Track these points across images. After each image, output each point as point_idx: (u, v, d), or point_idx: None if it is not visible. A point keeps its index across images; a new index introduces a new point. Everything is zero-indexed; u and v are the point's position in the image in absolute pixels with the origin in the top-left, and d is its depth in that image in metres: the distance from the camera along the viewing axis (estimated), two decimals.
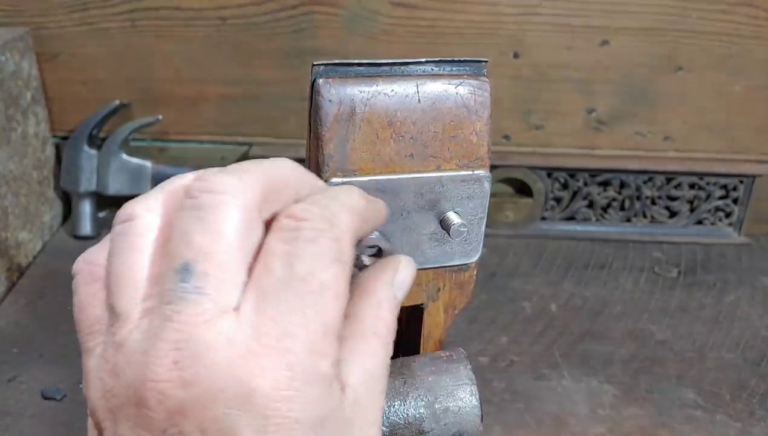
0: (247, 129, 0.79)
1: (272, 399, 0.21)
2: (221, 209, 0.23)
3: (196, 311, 0.22)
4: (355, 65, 0.29)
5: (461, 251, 0.33)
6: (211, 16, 0.73)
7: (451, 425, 0.31)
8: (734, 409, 0.56)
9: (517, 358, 0.61)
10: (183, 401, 0.21)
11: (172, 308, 0.22)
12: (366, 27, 0.73)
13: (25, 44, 0.72)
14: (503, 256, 0.76)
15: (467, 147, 0.31)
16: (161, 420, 0.21)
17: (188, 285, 0.22)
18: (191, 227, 0.23)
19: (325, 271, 0.23)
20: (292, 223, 0.23)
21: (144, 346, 0.22)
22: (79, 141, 0.75)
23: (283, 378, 0.21)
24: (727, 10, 0.71)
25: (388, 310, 0.28)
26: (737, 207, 0.80)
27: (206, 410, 0.21)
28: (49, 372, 0.58)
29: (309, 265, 0.22)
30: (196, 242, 0.23)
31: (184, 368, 0.21)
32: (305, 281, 0.22)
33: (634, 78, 0.75)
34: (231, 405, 0.21)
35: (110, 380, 0.23)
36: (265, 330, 0.22)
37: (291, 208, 0.24)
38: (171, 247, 0.23)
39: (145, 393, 0.22)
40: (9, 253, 0.69)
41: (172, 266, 0.22)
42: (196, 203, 0.23)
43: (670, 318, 0.67)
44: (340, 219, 0.24)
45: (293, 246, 0.23)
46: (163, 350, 0.22)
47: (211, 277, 0.22)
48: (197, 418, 0.21)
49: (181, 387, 0.21)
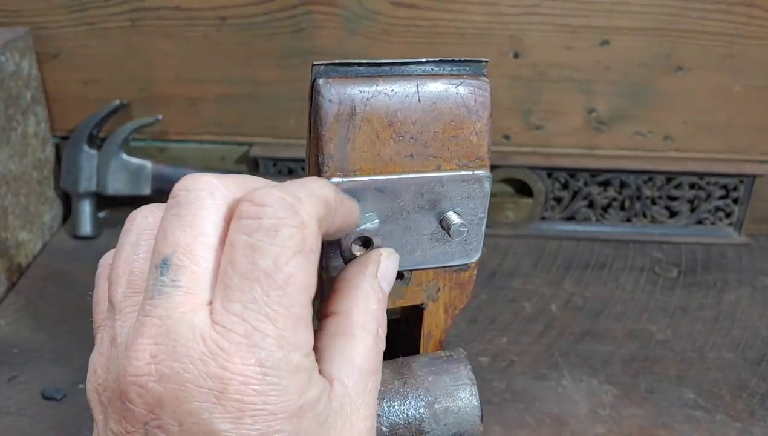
0: (247, 129, 0.79)
1: (245, 393, 0.21)
2: (196, 205, 0.23)
3: (172, 304, 0.22)
4: (355, 65, 0.29)
5: (461, 251, 0.33)
6: (211, 16, 0.73)
7: (451, 425, 0.31)
8: (734, 409, 0.56)
9: (517, 358, 0.61)
10: (160, 394, 0.22)
11: (152, 302, 0.23)
12: (366, 27, 0.73)
13: (25, 44, 0.72)
14: (503, 256, 0.76)
15: (467, 147, 0.31)
16: (142, 414, 0.22)
17: (165, 278, 0.23)
18: (170, 223, 0.23)
19: (289, 263, 0.22)
20: (252, 209, 0.23)
21: (128, 340, 0.23)
22: (79, 141, 0.75)
23: (255, 374, 0.21)
24: (727, 10, 0.71)
25: (375, 303, 0.28)
26: (737, 207, 0.80)
27: (182, 403, 0.21)
28: (49, 372, 0.58)
29: (272, 258, 0.22)
30: (173, 237, 0.23)
31: (161, 362, 0.22)
32: (269, 275, 0.22)
33: (634, 78, 0.75)
34: (205, 399, 0.21)
35: (103, 373, 0.24)
36: (232, 327, 0.22)
37: (251, 193, 0.23)
38: (156, 244, 0.24)
39: (127, 387, 0.22)
40: (9, 253, 0.69)
41: (155, 261, 0.23)
42: (176, 201, 0.24)
43: (670, 318, 0.67)
44: (303, 204, 0.23)
45: (254, 238, 0.22)
46: (143, 344, 0.22)
47: (185, 269, 0.23)
48: (174, 411, 0.22)
49: (158, 381, 0.22)
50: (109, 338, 0.24)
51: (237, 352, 0.21)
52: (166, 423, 0.22)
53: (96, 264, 0.26)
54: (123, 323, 0.24)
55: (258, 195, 0.23)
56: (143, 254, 0.25)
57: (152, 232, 0.25)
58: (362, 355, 0.26)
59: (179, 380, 0.21)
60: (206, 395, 0.21)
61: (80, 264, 0.72)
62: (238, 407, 0.21)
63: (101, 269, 0.28)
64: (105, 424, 0.23)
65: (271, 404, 0.22)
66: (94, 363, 0.25)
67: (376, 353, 0.27)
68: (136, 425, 0.22)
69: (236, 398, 0.21)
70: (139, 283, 0.25)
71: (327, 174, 0.29)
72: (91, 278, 0.30)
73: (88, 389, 0.24)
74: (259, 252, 0.22)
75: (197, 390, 0.21)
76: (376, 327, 0.27)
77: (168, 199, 0.24)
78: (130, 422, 0.22)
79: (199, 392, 0.21)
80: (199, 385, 0.21)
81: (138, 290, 0.24)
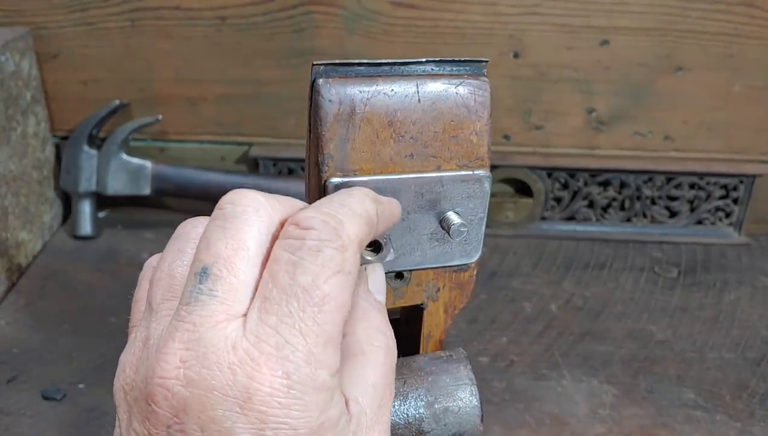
0: (247, 129, 0.79)
1: (269, 405, 0.22)
2: (241, 219, 0.24)
3: (207, 312, 0.23)
4: (355, 65, 0.29)
5: (461, 251, 0.33)
6: (211, 16, 0.73)
7: (451, 425, 0.31)
8: (734, 409, 0.56)
9: (517, 358, 0.61)
10: (186, 399, 0.22)
11: (186, 308, 0.23)
12: (366, 27, 0.73)
13: (25, 44, 0.72)
14: (503, 256, 0.76)
15: (467, 147, 0.31)
16: (166, 416, 0.22)
17: (203, 287, 0.23)
18: (213, 234, 0.24)
19: (327, 282, 0.23)
20: (296, 231, 0.24)
21: (160, 342, 0.23)
22: (79, 141, 0.75)
23: (281, 386, 0.22)
24: (727, 10, 0.71)
25: (377, 316, 0.28)
26: (737, 207, 0.80)
27: (206, 410, 0.22)
28: (49, 372, 0.58)
29: (311, 276, 0.23)
30: (215, 247, 0.24)
31: (189, 367, 0.22)
32: (307, 292, 0.23)
33: (634, 78, 0.75)
34: (230, 407, 0.22)
35: (132, 372, 0.24)
36: (265, 338, 0.22)
37: (296, 215, 0.24)
38: (197, 252, 0.24)
39: (153, 388, 0.22)
40: (9, 253, 0.69)
41: (195, 269, 0.24)
42: (222, 213, 0.25)
43: (670, 318, 0.67)
44: (345, 228, 0.24)
45: (297, 255, 0.23)
46: (173, 348, 0.23)
47: (223, 280, 0.23)
48: (198, 417, 0.22)
49: (185, 385, 0.22)
50: (142, 338, 0.25)
51: (266, 362, 0.22)
52: (189, 428, 0.22)
53: (96, 264, 0.26)
54: (157, 325, 0.24)
55: (303, 217, 0.24)
56: (187, 261, 0.26)
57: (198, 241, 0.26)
58: (374, 371, 0.26)
59: (206, 386, 0.22)
60: (231, 403, 0.22)
61: (80, 264, 0.72)
62: (261, 418, 0.22)
63: (146, 270, 0.29)
64: (129, 423, 0.24)
65: (293, 418, 0.22)
66: (124, 362, 0.25)
67: (388, 366, 0.27)
68: (159, 427, 0.22)
69: (260, 409, 0.22)
70: (178, 288, 0.25)
71: (327, 174, 0.29)
72: (91, 277, 0.30)
73: (115, 387, 0.25)
74: (300, 269, 0.23)
75: (222, 398, 0.22)
76: (384, 340, 0.27)
77: (214, 210, 0.25)
78: (153, 424, 0.22)
79: (224, 400, 0.22)
80: (224, 393, 0.22)
81: (176, 294, 0.25)
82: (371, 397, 0.25)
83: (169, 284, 0.26)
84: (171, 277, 0.26)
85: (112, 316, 0.64)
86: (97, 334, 0.62)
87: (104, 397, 0.55)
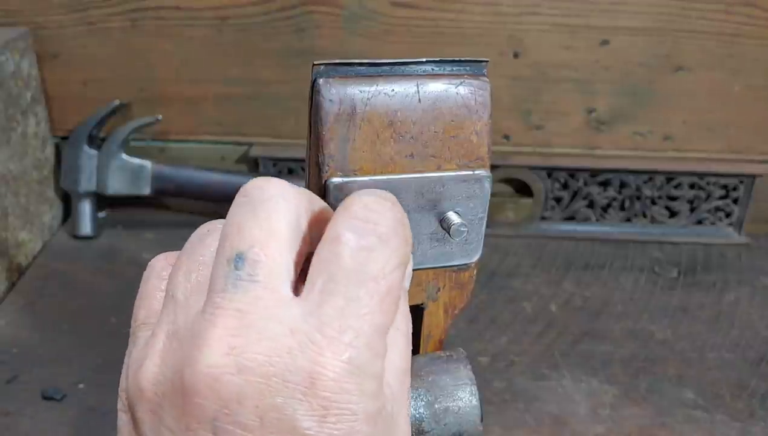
0: (247, 129, 0.79)
1: (333, 390, 0.21)
2: (271, 203, 0.24)
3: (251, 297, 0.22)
4: (355, 65, 0.29)
5: (461, 251, 0.33)
6: (211, 16, 0.73)
7: (451, 425, 0.31)
8: (734, 409, 0.56)
9: (517, 358, 0.61)
10: (240, 387, 0.21)
11: (224, 294, 0.22)
12: (366, 27, 0.73)
13: (25, 44, 0.72)
14: (503, 256, 0.76)
15: (467, 147, 0.31)
16: (213, 408, 0.21)
17: (241, 273, 0.22)
18: (244, 219, 0.23)
19: (393, 273, 0.23)
20: (366, 213, 0.23)
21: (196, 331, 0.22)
22: (79, 141, 0.75)
23: (344, 371, 0.21)
24: (727, 10, 0.71)
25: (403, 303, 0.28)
26: (737, 207, 0.80)
27: (265, 397, 0.21)
28: (49, 372, 0.58)
29: (381, 265, 0.23)
30: (249, 232, 0.23)
31: (241, 354, 0.21)
32: (376, 281, 0.22)
33: (634, 78, 0.75)
34: (291, 394, 0.21)
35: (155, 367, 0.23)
36: (328, 321, 0.22)
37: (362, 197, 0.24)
38: (226, 239, 0.23)
39: (196, 379, 0.21)
40: (9, 253, 0.69)
41: (227, 255, 0.23)
42: (248, 199, 0.24)
43: (670, 318, 0.67)
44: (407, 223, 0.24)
45: (367, 241, 0.23)
46: (217, 334, 0.21)
47: (263, 264, 0.23)
48: (256, 405, 0.21)
49: (237, 373, 0.21)
50: (166, 331, 0.24)
51: (329, 346, 0.21)
52: (245, 419, 0.21)
53: (96, 264, 0.26)
54: (186, 317, 0.23)
55: (372, 201, 0.23)
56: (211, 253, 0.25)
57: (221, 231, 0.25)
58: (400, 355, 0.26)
59: (263, 372, 0.21)
60: (292, 390, 0.21)
61: (80, 264, 0.72)
62: (324, 405, 0.21)
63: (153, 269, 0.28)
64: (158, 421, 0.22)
65: (354, 403, 0.21)
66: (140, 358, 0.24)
67: (408, 351, 0.27)
68: (202, 420, 0.21)
69: (323, 395, 0.21)
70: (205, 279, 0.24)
71: (327, 174, 0.29)
72: (91, 277, 0.30)
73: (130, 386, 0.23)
74: (371, 255, 0.22)
75: (283, 384, 0.21)
76: (406, 327, 0.27)
77: (237, 197, 0.24)
78: (195, 418, 0.21)
79: (285, 386, 0.21)
80: (285, 379, 0.21)
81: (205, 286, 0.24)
82: (398, 381, 0.25)
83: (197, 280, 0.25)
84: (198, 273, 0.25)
85: (112, 316, 0.64)
86: (97, 334, 0.62)
87: (104, 397, 0.55)
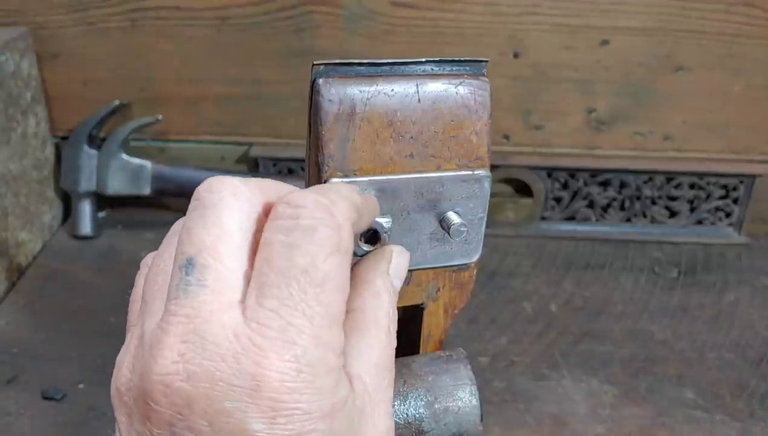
0: (247, 129, 0.79)
1: (280, 391, 0.21)
2: (220, 205, 0.23)
3: (199, 302, 0.22)
4: (355, 65, 0.29)
5: (461, 250, 0.33)
6: (211, 16, 0.73)
7: (451, 425, 0.31)
8: (734, 409, 0.56)
9: (517, 358, 0.61)
10: (189, 393, 0.21)
11: (176, 301, 0.22)
12: (366, 27, 0.73)
13: (25, 44, 0.72)
14: (503, 256, 0.76)
15: (467, 147, 0.31)
16: (168, 414, 0.21)
17: (191, 278, 0.22)
18: (194, 224, 0.23)
19: (326, 262, 0.22)
20: (288, 210, 0.23)
21: (152, 339, 0.22)
22: (79, 141, 0.75)
23: (290, 370, 0.21)
24: (727, 10, 0.71)
25: (388, 299, 0.28)
26: (737, 207, 0.80)
27: (213, 402, 0.21)
28: (49, 372, 0.58)
29: (309, 256, 0.22)
30: (197, 237, 0.23)
31: (189, 360, 0.21)
32: (307, 273, 0.22)
33: (634, 78, 0.75)
34: (238, 397, 0.21)
35: (128, 372, 0.23)
36: (267, 323, 0.22)
37: (288, 195, 0.23)
38: (180, 245, 0.23)
39: (152, 386, 0.22)
40: (9, 253, 0.69)
41: (179, 262, 0.23)
42: (200, 203, 0.24)
43: (670, 318, 0.67)
44: (338, 207, 0.24)
45: (291, 236, 0.22)
46: (168, 342, 0.22)
47: (211, 269, 0.23)
48: (205, 411, 0.21)
49: (186, 380, 0.21)
50: (137, 336, 0.24)
51: (272, 347, 0.21)
52: (196, 423, 0.21)
53: (96, 264, 0.26)
54: (150, 322, 0.24)
55: (294, 197, 0.23)
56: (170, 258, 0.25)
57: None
58: (378, 351, 0.26)
59: (210, 378, 0.21)
60: (239, 393, 0.21)
61: (80, 264, 0.72)
62: (272, 406, 0.21)
63: (142, 268, 0.28)
64: (129, 425, 0.23)
65: (305, 402, 0.21)
66: (121, 361, 0.24)
67: (389, 349, 0.26)
68: (161, 426, 0.22)
69: (270, 396, 0.21)
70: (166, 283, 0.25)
71: (327, 174, 0.29)
72: (91, 277, 0.30)
73: (112, 388, 0.24)
74: (297, 250, 0.22)
75: (229, 389, 0.21)
76: (387, 324, 0.27)
77: (191, 201, 0.24)
78: (155, 424, 0.22)
79: (231, 390, 0.21)
80: (231, 383, 0.21)
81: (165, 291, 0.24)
82: (374, 376, 0.25)
83: (162, 281, 0.25)
84: (164, 273, 0.25)
85: (112, 316, 0.64)
86: (97, 334, 0.62)
87: (104, 397, 0.55)
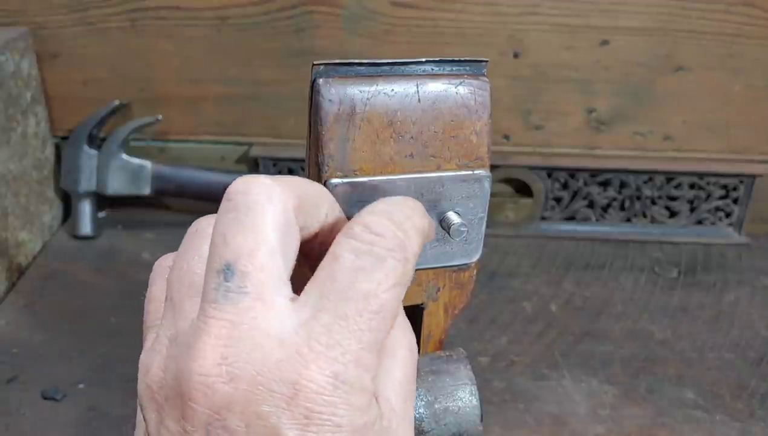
0: (247, 129, 0.79)
1: (316, 402, 0.22)
2: (257, 210, 0.24)
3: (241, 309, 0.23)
4: (355, 65, 0.29)
5: (461, 250, 0.33)
6: (211, 16, 0.73)
7: (451, 425, 0.31)
8: (734, 409, 0.56)
9: (517, 358, 0.61)
10: (230, 395, 0.22)
11: (216, 305, 0.23)
12: (366, 27, 0.73)
13: (25, 44, 0.72)
14: (503, 256, 0.76)
15: (467, 147, 0.30)
16: (206, 414, 0.22)
17: (230, 284, 0.23)
18: (230, 229, 0.23)
19: (387, 292, 0.23)
20: (366, 235, 0.24)
21: (192, 340, 0.23)
22: (79, 141, 0.75)
23: (328, 385, 0.22)
24: (727, 10, 0.71)
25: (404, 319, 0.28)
26: (737, 207, 0.80)
27: (252, 405, 0.22)
28: (49, 372, 0.58)
29: (374, 284, 0.23)
30: (236, 243, 0.23)
31: (232, 363, 0.22)
32: (366, 299, 0.23)
33: (634, 78, 0.75)
34: (276, 403, 0.22)
35: (160, 371, 0.24)
36: (316, 336, 0.22)
37: (365, 217, 0.24)
38: (214, 248, 0.24)
39: (191, 386, 0.22)
40: (9, 253, 0.69)
41: (216, 266, 0.23)
42: (233, 205, 0.24)
43: (670, 318, 0.67)
44: (411, 242, 0.24)
45: (362, 260, 0.23)
46: (210, 344, 0.22)
47: (251, 276, 0.23)
48: (242, 412, 0.22)
49: (228, 382, 0.22)
50: (168, 336, 0.24)
51: (315, 360, 0.22)
52: (232, 424, 0.22)
53: (96, 264, 0.26)
54: (184, 323, 0.24)
55: (373, 223, 0.24)
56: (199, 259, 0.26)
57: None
58: (401, 368, 0.26)
59: (252, 381, 0.22)
60: (277, 399, 0.22)
61: (80, 264, 0.72)
62: (306, 415, 0.22)
63: (158, 269, 0.28)
64: (159, 422, 0.23)
65: (338, 416, 0.22)
66: (148, 362, 0.24)
67: (412, 363, 0.27)
68: (197, 424, 0.22)
69: (306, 406, 0.22)
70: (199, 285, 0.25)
71: (327, 174, 0.29)
72: (91, 277, 0.30)
73: (140, 388, 0.24)
74: (363, 275, 0.23)
75: (268, 393, 0.22)
76: (409, 338, 0.27)
77: (223, 201, 0.24)
78: (190, 422, 0.22)
79: (270, 395, 0.22)
80: (271, 388, 0.22)
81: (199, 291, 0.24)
82: (399, 394, 0.26)
83: (191, 282, 0.25)
84: (192, 274, 0.25)
85: (112, 316, 0.64)
86: (97, 334, 0.62)
87: (104, 397, 0.55)
